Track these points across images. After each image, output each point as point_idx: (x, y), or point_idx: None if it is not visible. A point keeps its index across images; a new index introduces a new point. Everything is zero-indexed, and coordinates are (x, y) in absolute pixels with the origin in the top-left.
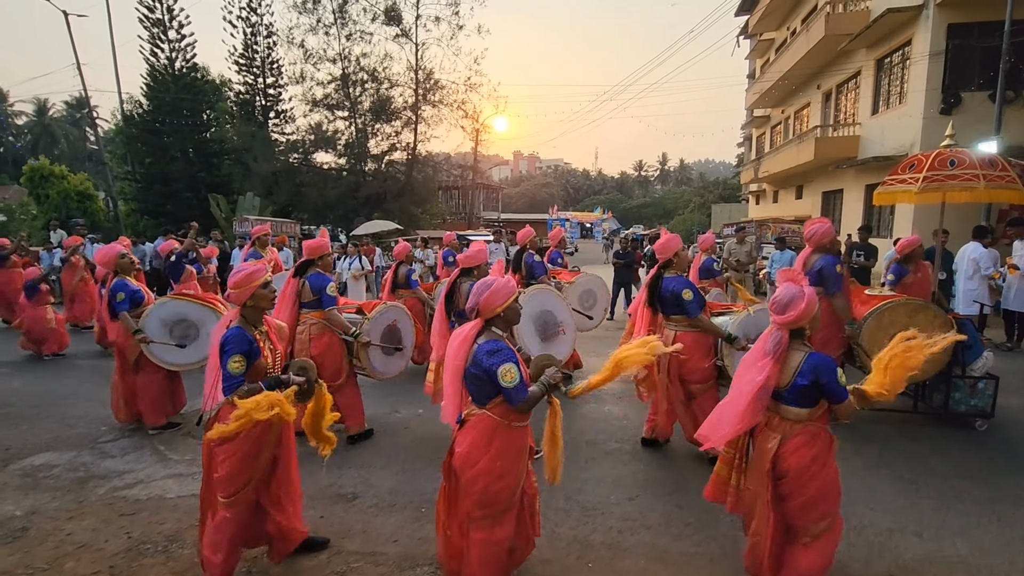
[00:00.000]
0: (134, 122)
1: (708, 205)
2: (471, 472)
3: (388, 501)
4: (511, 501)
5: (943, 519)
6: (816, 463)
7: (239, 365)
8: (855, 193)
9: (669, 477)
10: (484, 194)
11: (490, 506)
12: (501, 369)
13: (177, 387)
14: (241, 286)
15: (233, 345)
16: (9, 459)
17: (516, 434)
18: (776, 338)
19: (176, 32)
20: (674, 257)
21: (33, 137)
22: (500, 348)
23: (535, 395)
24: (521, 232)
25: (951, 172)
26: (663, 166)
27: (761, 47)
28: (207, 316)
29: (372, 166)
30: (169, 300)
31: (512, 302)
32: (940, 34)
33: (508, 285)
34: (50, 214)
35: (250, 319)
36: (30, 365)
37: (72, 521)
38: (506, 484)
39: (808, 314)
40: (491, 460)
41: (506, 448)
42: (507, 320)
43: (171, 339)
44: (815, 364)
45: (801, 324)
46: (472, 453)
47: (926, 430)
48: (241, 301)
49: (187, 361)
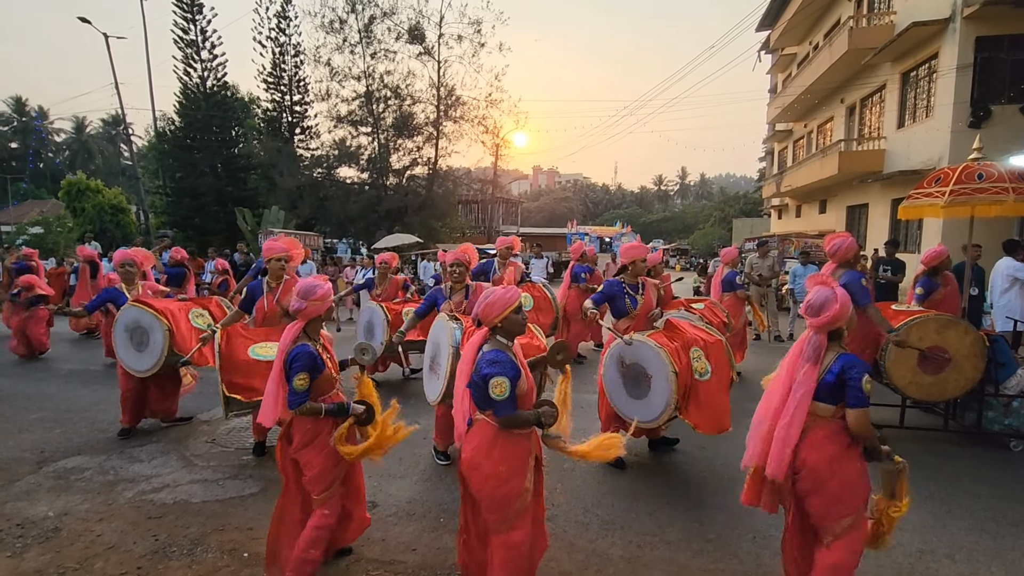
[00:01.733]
0: (166, 138)
1: (729, 219)
2: (477, 477)
3: (407, 510)
4: (523, 504)
5: (976, 541)
6: (836, 460)
7: (303, 382)
8: (881, 208)
9: (690, 492)
10: (503, 208)
11: (501, 510)
12: (493, 381)
13: (163, 394)
14: (321, 300)
15: (299, 363)
16: (43, 461)
17: (518, 440)
18: (814, 343)
19: (208, 52)
20: (630, 264)
21: (71, 153)
22: (501, 359)
23: (522, 418)
24: (500, 239)
25: (979, 185)
26: (683, 180)
27: (783, 61)
28: (154, 323)
29: (393, 180)
30: (129, 307)
31: (510, 312)
32: (968, 47)
33: (506, 296)
34: (85, 226)
35: (311, 333)
36: (65, 371)
37: (102, 523)
38: (513, 488)
39: (843, 315)
40: (495, 465)
41: (509, 453)
42: (507, 330)
43: (132, 344)
44: (845, 361)
45: (837, 325)
46: (475, 458)
47: (958, 449)
48: (313, 315)
49: (143, 367)
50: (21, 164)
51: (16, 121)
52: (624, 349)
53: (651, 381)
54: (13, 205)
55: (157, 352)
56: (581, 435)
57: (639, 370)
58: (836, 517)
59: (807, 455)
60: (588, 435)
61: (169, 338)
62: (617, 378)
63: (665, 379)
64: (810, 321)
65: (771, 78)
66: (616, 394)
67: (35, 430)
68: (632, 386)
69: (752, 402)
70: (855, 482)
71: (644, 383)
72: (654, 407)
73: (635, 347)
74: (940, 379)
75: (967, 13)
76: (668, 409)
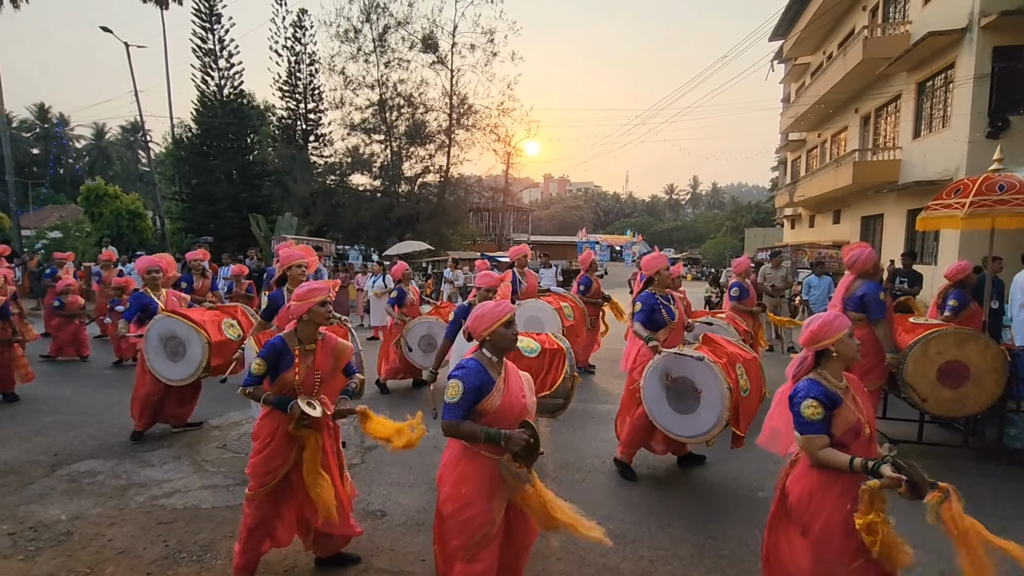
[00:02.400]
0: (183, 145)
1: (741, 229)
2: (440, 496)
3: (416, 520)
4: (486, 535)
5: (998, 563)
6: (816, 499)
7: (259, 367)
8: (896, 219)
9: (703, 506)
10: (514, 216)
11: (462, 535)
12: (449, 382)
13: (181, 399)
14: (302, 299)
15: (264, 350)
16: (57, 464)
17: (486, 463)
18: (800, 357)
19: (226, 61)
20: (655, 275)
21: (91, 159)
22: (469, 366)
23: (463, 428)
24: (512, 249)
25: (1000, 197)
26: (694, 189)
27: (796, 71)
28: (191, 335)
29: (405, 188)
30: (164, 317)
31: (498, 326)
32: (985, 57)
33: (496, 309)
34: (103, 231)
35: (301, 333)
36: (80, 375)
37: (113, 527)
38: (475, 514)
39: (823, 334)
40: (455, 485)
41: (472, 474)
42: (495, 344)
43: (165, 353)
44: (797, 386)
45: (818, 344)
46: (442, 473)
47: (978, 467)
48: (298, 314)
49: (178, 376)
50: (42, 170)
51: (39, 128)
52: (671, 362)
53: (701, 396)
54: (34, 210)
55: (195, 364)
56: (592, 444)
57: (687, 384)
58: (817, 560)
59: (791, 486)
60: (598, 444)
61: (208, 351)
62: (660, 391)
63: (719, 395)
64: (800, 339)
65: (784, 88)
66: (657, 407)
67: (49, 433)
68: (675, 400)
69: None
70: (836, 531)
71: (692, 397)
72: (703, 422)
73: (685, 361)
74: (960, 394)
75: (984, 23)
76: (719, 425)
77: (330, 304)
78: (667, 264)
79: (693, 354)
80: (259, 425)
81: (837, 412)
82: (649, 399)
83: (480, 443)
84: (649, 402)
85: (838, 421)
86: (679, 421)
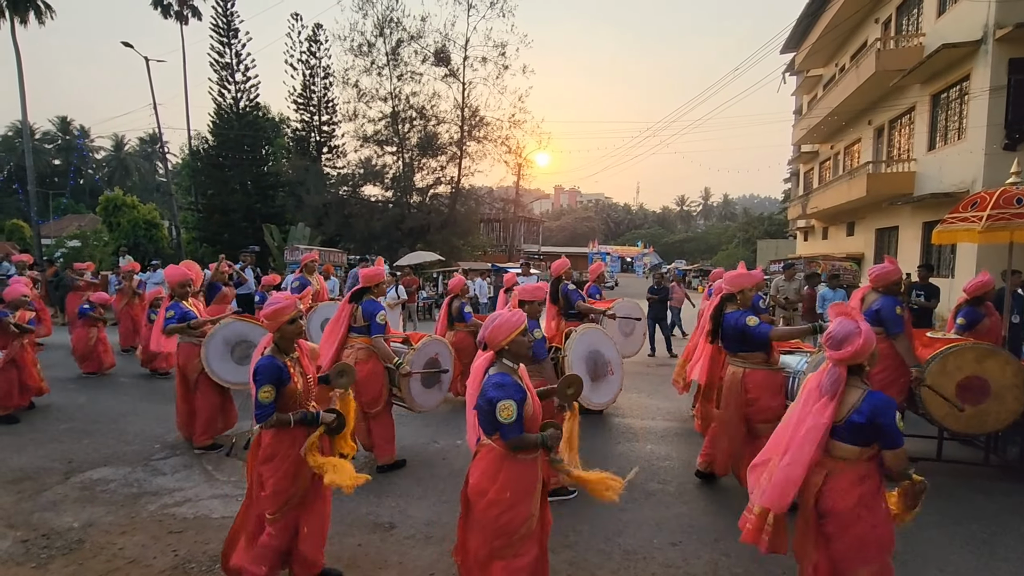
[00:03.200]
0: (200, 156)
1: (753, 241)
2: (483, 502)
3: (425, 532)
4: (528, 529)
5: None
6: (862, 506)
7: (268, 395)
8: (911, 231)
9: (716, 523)
10: (525, 227)
11: (506, 535)
12: (500, 405)
13: (229, 407)
14: (270, 319)
15: (263, 375)
16: (71, 471)
17: (525, 466)
18: (833, 375)
19: (242, 74)
20: (739, 294)
21: (110, 170)
22: (506, 383)
23: (529, 441)
24: (556, 263)
25: (1018, 210)
26: (706, 201)
27: (808, 83)
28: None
29: (417, 199)
30: (234, 321)
31: (517, 335)
32: (1001, 69)
33: (512, 319)
34: (120, 241)
35: (282, 346)
36: (94, 383)
37: (124, 536)
38: (518, 513)
39: (866, 350)
40: (500, 490)
41: (514, 479)
42: (514, 353)
43: (232, 358)
44: (875, 403)
45: (859, 360)
46: (482, 483)
47: (1000, 485)
48: (271, 331)
49: (240, 380)
50: (63, 180)
51: (60, 139)
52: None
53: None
54: (54, 219)
55: None
56: (606, 460)
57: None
58: (860, 563)
59: (834, 503)
60: (611, 459)
61: None
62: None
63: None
64: (830, 354)
65: (796, 99)
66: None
67: (64, 440)
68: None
69: None
70: (879, 528)
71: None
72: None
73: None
74: (980, 410)
75: (999, 35)
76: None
77: (301, 320)
78: (757, 281)
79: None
80: (271, 447)
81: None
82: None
83: (537, 449)
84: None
85: None
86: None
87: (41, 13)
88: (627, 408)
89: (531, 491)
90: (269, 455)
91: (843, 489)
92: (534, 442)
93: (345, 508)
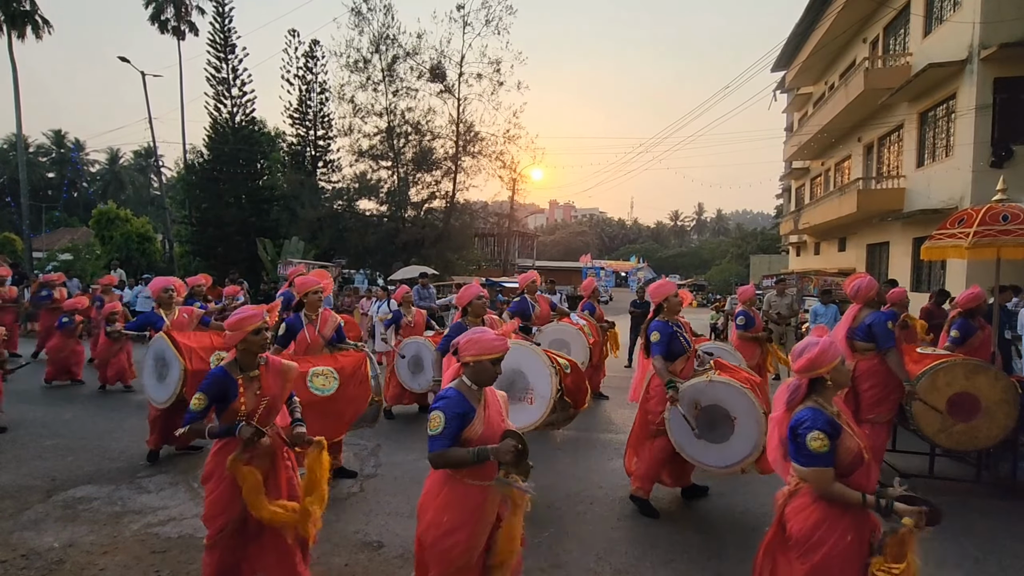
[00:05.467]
0: (195, 170)
1: (746, 256)
2: (422, 523)
3: (413, 552)
4: (466, 563)
5: None
6: (821, 529)
7: (198, 403)
8: (902, 246)
9: (708, 541)
10: (519, 241)
11: (441, 564)
12: (432, 414)
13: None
14: (233, 329)
15: (205, 382)
16: (54, 490)
17: (470, 491)
18: (792, 386)
19: (238, 89)
20: (664, 302)
21: (104, 183)
22: (447, 395)
23: (454, 456)
24: (522, 276)
25: (1004, 227)
26: (699, 216)
27: (798, 101)
28: (173, 360)
29: (412, 213)
30: (159, 338)
31: (484, 358)
32: (986, 88)
33: (491, 343)
34: (112, 254)
35: (242, 361)
36: (81, 398)
37: (106, 556)
38: (457, 542)
39: (821, 361)
40: (437, 512)
41: (455, 502)
42: (476, 372)
43: (156, 374)
44: (800, 416)
45: (816, 371)
46: (424, 502)
47: (992, 503)
48: (232, 344)
49: (160, 398)
50: (56, 193)
51: (55, 152)
52: (701, 390)
53: (736, 424)
54: (46, 232)
55: (172, 388)
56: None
57: (719, 412)
58: None
59: (792, 523)
60: (600, 474)
61: (183, 377)
62: (684, 422)
63: (755, 421)
64: (793, 365)
65: (787, 116)
66: (684, 438)
67: (48, 457)
68: (707, 428)
69: None
70: (840, 559)
71: (724, 425)
72: (736, 451)
73: (717, 388)
74: (971, 427)
75: (984, 55)
76: (755, 452)
77: (266, 331)
78: (676, 291)
79: (730, 381)
80: (210, 464)
81: (839, 440)
82: (676, 429)
83: (470, 466)
84: (676, 432)
85: (841, 449)
86: (709, 451)
87: (39, 28)
88: (620, 423)
89: (474, 519)
90: (206, 474)
91: (800, 509)
92: (461, 457)
93: (332, 527)
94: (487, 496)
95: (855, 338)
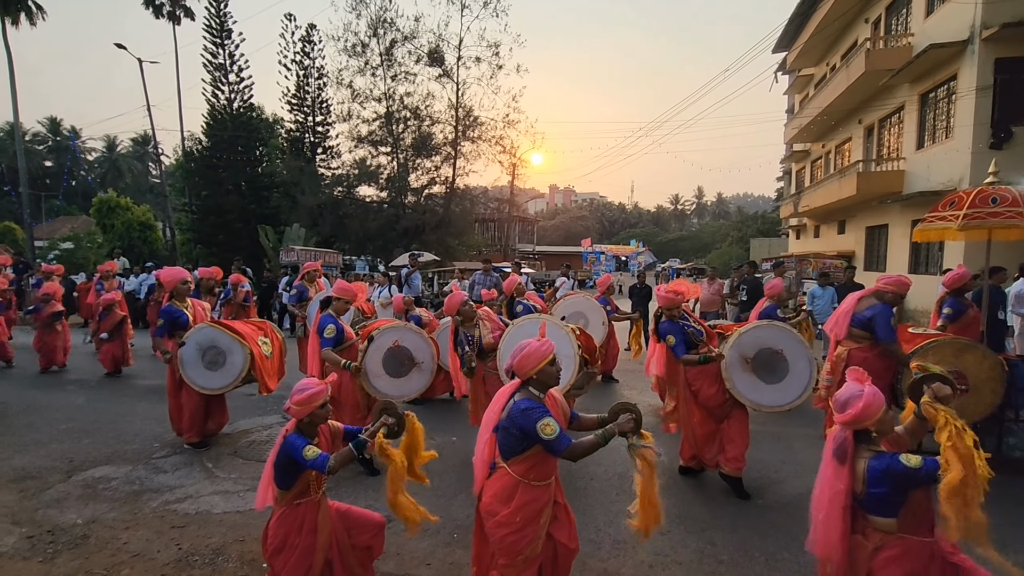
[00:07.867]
0: (193, 158)
1: (746, 239)
2: (491, 522)
3: (423, 525)
4: (532, 552)
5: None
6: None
7: (313, 451)
8: (901, 228)
9: (703, 513)
10: (520, 226)
11: (510, 555)
12: (540, 424)
13: (216, 408)
14: (302, 404)
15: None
16: (73, 470)
17: (537, 492)
18: (839, 439)
19: (236, 75)
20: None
21: (103, 171)
22: (534, 407)
23: (586, 444)
24: (507, 281)
25: (993, 210)
26: (700, 200)
27: (800, 83)
28: (234, 346)
29: (412, 199)
30: (206, 326)
31: (545, 365)
32: (987, 69)
33: (540, 349)
34: (114, 243)
35: (306, 431)
36: (94, 383)
37: (128, 531)
38: (525, 535)
39: (867, 415)
40: (511, 514)
41: (526, 504)
42: (541, 382)
43: (203, 362)
44: (884, 469)
45: (862, 424)
46: (492, 504)
47: None
48: (299, 417)
49: (214, 385)
50: (55, 182)
51: (51, 141)
52: (746, 341)
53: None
54: (47, 221)
55: (234, 374)
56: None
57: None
58: None
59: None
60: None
61: (249, 362)
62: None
63: (807, 361)
64: (836, 417)
65: (788, 99)
66: (740, 379)
67: (64, 440)
68: (765, 372)
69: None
70: None
71: (779, 365)
72: (791, 392)
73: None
74: (958, 404)
75: (985, 35)
76: (807, 392)
77: (329, 406)
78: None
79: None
80: (277, 536)
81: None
82: (733, 371)
83: (598, 448)
84: (738, 383)
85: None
86: (765, 392)
87: (32, 14)
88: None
89: (540, 514)
90: (276, 546)
91: (888, 563)
92: (591, 444)
93: (344, 502)
94: (549, 493)
95: (852, 326)
